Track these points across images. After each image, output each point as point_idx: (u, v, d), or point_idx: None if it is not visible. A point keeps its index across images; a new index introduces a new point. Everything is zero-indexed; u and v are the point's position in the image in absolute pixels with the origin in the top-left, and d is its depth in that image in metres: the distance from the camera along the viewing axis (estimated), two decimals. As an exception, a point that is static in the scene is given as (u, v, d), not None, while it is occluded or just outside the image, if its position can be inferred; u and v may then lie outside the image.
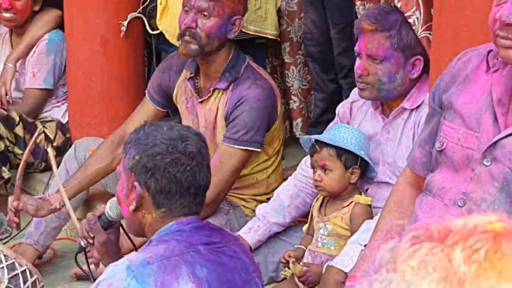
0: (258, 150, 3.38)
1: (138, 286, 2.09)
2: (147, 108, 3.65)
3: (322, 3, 3.88)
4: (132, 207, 2.24)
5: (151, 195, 2.23)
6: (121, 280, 2.10)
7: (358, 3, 3.42)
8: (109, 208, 2.47)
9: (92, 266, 2.80)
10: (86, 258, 2.72)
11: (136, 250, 2.60)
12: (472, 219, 0.84)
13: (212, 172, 3.32)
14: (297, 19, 4.25)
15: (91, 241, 2.56)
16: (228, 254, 2.24)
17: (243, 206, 3.54)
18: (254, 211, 3.39)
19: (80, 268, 2.97)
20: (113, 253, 2.55)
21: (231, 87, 3.39)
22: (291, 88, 4.34)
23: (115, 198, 2.43)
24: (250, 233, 3.26)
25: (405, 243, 0.82)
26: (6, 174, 4.18)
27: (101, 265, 2.72)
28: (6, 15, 4.36)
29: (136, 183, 2.23)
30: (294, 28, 4.26)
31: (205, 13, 3.30)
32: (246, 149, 3.33)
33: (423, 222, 0.85)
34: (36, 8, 4.44)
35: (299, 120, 4.38)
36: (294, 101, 4.36)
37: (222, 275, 2.18)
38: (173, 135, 2.24)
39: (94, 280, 2.67)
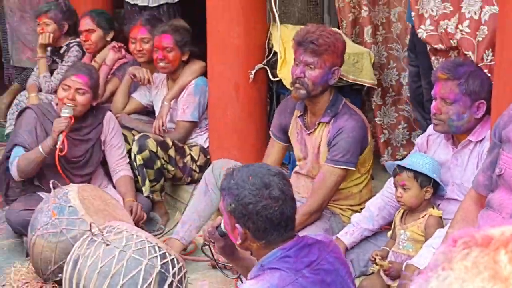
0: (353, 169, 3.45)
1: None
2: (275, 145, 3.75)
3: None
4: (238, 242, 2.24)
5: (251, 233, 2.20)
6: None
7: (433, 58, 3.48)
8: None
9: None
10: (211, 251, 2.74)
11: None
12: (506, 228, 0.85)
13: (317, 186, 3.48)
14: (386, 69, 4.33)
15: (212, 244, 2.61)
16: (325, 268, 2.17)
17: (341, 214, 3.59)
18: (349, 218, 3.42)
19: (207, 255, 2.90)
20: (230, 253, 2.52)
21: (332, 121, 3.46)
22: (382, 124, 4.35)
23: None
24: (346, 236, 3.30)
25: (458, 247, 0.83)
26: (159, 185, 4.26)
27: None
28: (161, 64, 4.44)
29: (237, 225, 2.20)
30: (384, 76, 4.32)
31: (311, 66, 3.40)
32: (343, 168, 3.42)
33: (467, 230, 0.86)
34: (184, 58, 4.48)
35: (389, 148, 4.40)
36: (385, 134, 4.36)
37: None
38: (258, 184, 2.18)
39: (219, 267, 2.88)
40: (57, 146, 3.87)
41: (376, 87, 4.22)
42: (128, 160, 4.25)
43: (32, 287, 3.54)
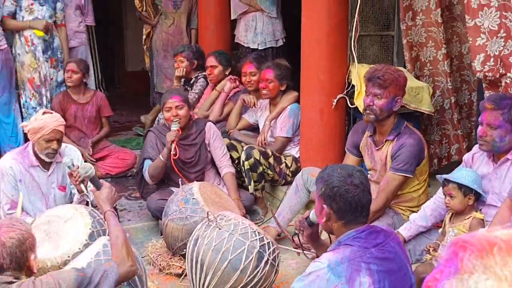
0: (411, 176, 3.36)
1: (335, 278, 2.04)
2: (349, 159, 3.70)
3: None
4: (323, 220, 2.23)
5: (334, 213, 2.20)
6: (324, 274, 2.04)
7: (486, 92, 3.37)
8: (312, 214, 2.50)
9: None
10: (299, 239, 2.76)
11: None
12: None
13: (382, 189, 3.40)
14: (460, 92, 4.25)
15: (301, 233, 2.61)
16: (388, 249, 2.15)
17: (402, 214, 3.50)
18: (408, 217, 3.33)
19: (294, 242, 2.96)
20: (314, 240, 2.55)
21: (395, 138, 3.39)
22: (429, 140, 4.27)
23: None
24: (405, 231, 3.22)
25: (495, 254, 0.73)
26: (260, 185, 4.28)
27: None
28: (264, 92, 4.48)
29: (324, 205, 2.21)
30: (459, 97, 4.25)
31: (378, 96, 3.34)
32: (403, 175, 3.34)
33: (501, 234, 0.75)
34: (282, 88, 4.49)
35: (435, 160, 4.34)
36: (432, 148, 4.31)
37: (385, 266, 2.11)
38: (344, 174, 2.20)
39: (303, 250, 2.86)
40: (171, 153, 3.95)
41: (433, 114, 4.10)
42: (229, 157, 4.26)
43: (164, 258, 3.59)
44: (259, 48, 5.42)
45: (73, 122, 5.11)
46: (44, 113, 3.56)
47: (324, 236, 2.81)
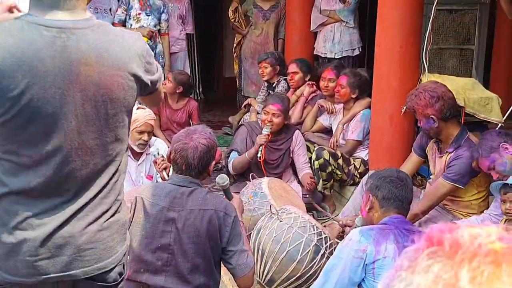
0: (461, 187, 3.20)
1: (364, 240, 2.19)
2: (412, 157, 3.61)
3: None
4: (367, 208, 2.31)
5: (378, 201, 2.28)
6: (356, 236, 2.22)
7: None
8: (358, 218, 2.58)
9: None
10: None
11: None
12: (477, 232, 0.63)
13: (428, 193, 3.28)
14: None
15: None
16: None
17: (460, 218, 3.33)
18: None
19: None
20: None
21: (454, 150, 3.26)
22: None
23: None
24: None
25: (422, 256, 0.63)
26: (329, 184, 4.18)
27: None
28: (336, 96, 4.43)
29: (370, 195, 2.32)
30: None
31: (419, 120, 3.36)
32: (452, 185, 3.19)
33: (442, 227, 0.65)
34: (354, 96, 4.41)
35: None
36: None
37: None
38: (391, 171, 2.34)
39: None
40: (258, 155, 3.99)
41: (502, 124, 3.83)
42: (309, 164, 4.25)
43: None
44: (336, 57, 5.36)
45: (165, 123, 5.30)
46: (137, 108, 3.71)
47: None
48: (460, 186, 3.22)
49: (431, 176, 3.59)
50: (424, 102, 3.25)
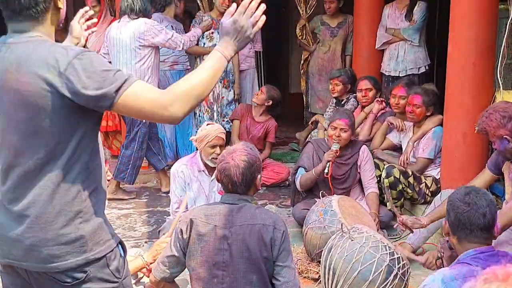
0: None
1: None
2: (485, 173, 3.45)
3: None
4: (444, 233, 2.14)
5: (450, 227, 2.12)
6: (437, 287, 1.95)
7: None
8: None
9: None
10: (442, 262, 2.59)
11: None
12: None
13: (504, 212, 3.06)
14: None
15: (442, 254, 2.49)
16: None
17: None
18: None
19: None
20: (451, 262, 2.30)
21: None
22: None
23: None
24: None
25: (480, 282, 0.75)
26: (399, 203, 4.08)
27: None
28: (410, 116, 4.31)
29: (446, 221, 2.15)
30: None
31: (492, 140, 3.20)
32: None
33: (492, 268, 0.77)
34: (428, 114, 4.32)
35: None
36: None
37: None
38: (463, 191, 2.11)
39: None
40: (326, 171, 3.96)
41: None
42: (376, 180, 4.16)
43: (302, 263, 3.58)
44: (400, 76, 5.27)
45: (242, 132, 5.34)
46: (207, 124, 3.78)
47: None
48: None
49: (505, 196, 3.43)
50: (496, 123, 3.12)
